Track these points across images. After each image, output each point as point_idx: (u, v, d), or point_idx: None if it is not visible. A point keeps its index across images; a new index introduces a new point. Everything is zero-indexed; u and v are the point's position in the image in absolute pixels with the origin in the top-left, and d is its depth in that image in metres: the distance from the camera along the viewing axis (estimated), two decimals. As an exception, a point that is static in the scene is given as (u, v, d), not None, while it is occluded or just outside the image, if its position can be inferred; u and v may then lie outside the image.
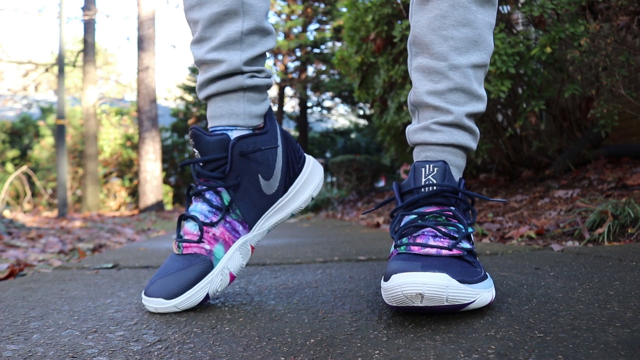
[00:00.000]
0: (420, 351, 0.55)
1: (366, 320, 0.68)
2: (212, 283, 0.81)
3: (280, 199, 0.90)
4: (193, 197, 0.86)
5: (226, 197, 0.84)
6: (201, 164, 0.84)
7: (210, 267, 0.81)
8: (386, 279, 0.67)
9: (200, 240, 0.82)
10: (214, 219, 0.83)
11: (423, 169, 0.77)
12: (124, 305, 0.84)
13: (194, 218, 0.83)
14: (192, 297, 0.79)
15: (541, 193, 2.61)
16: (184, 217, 0.85)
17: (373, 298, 0.82)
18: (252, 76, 0.87)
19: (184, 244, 0.82)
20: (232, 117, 0.87)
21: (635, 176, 2.24)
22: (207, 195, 0.84)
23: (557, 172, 3.05)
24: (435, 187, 0.76)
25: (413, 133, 0.84)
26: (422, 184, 0.77)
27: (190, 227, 0.83)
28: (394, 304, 0.66)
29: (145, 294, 0.79)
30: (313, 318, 0.71)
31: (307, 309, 0.77)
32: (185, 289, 0.78)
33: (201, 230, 0.82)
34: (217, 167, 0.84)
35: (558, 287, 0.82)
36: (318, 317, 0.72)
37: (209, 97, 0.88)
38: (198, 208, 0.84)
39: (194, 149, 0.85)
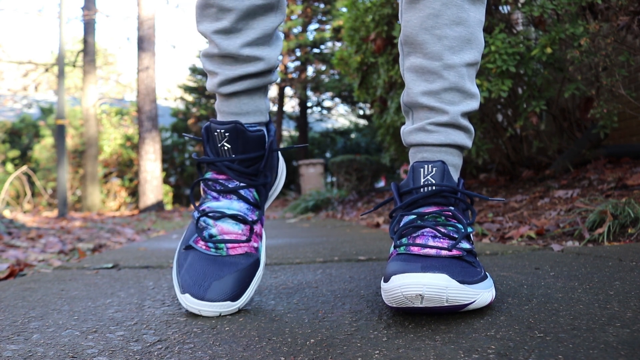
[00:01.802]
0: (420, 351, 0.55)
1: (366, 320, 0.68)
2: (260, 278, 0.82)
3: (272, 189, 0.92)
4: (220, 194, 0.82)
5: (258, 194, 0.85)
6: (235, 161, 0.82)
7: (258, 263, 0.82)
8: (386, 280, 0.67)
9: (249, 240, 0.81)
10: (254, 217, 0.83)
11: (422, 169, 0.77)
12: (124, 305, 0.84)
13: (236, 217, 0.81)
14: (250, 294, 0.79)
15: (541, 193, 2.61)
16: (216, 217, 0.81)
17: (373, 298, 0.82)
18: (274, 72, 0.87)
19: (230, 245, 0.80)
20: (257, 114, 0.86)
21: (635, 176, 2.24)
22: (243, 193, 0.82)
23: (557, 172, 3.05)
24: (434, 187, 0.75)
25: (408, 134, 0.84)
26: (421, 184, 0.76)
27: (231, 227, 0.81)
28: (394, 305, 0.66)
29: (204, 300, 0.74)
30: (313, 318, 0.71)
31: (307, 309, 0.77)
32: (245, 288, 0.78)
33: (251, 230, 0.81)
34: (252, 164, 0.83)
35: (558, 287, 0.82)
36: (318, 317, 0.72)
37: (234, 94, 0.84)
38: (235, 206, 0.82)
39: (224, 144, 0.80)
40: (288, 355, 0.56)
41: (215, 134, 0.81)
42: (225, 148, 0.81)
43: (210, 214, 0.81)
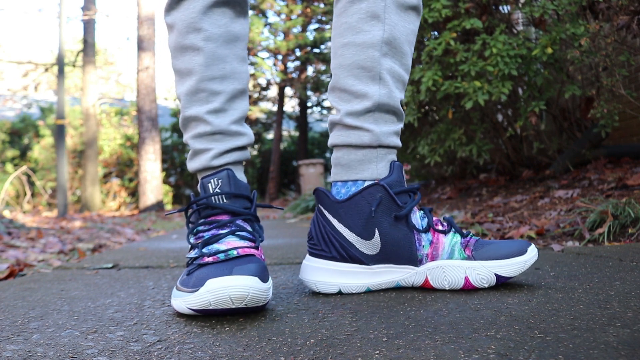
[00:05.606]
0: (420, 351, 0.55)
1: (366, 320, 0.68)
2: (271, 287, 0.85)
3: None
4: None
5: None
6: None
7: (267, 271, 0.85)
8: (521, 253, 0.82)
9: (257, 248, 0.83)
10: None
11: (401, 168, 0.90)
12: (124, 305, 0.84)
13: (241, 236, 0.82)
14: (271, 287, 0.78)
15: (541, 193, 2.61)
16: (220, 238, 0.80)
17: (373, 298, 0.82)
18: (249, 149, 0.97)
19: (241, 249, 0.79)
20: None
21: (635, 176, 2.24)
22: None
23: (557, 172, 3.05)
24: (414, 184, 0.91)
25: (387, 135, 0.89)
26: (406, 183, 0.89)
27: (238, 240, 0.80)
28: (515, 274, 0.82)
29: (232, 274, 0.70)
30: (313, 318, 0.71)
31: (307, 309, 0.77)
32: (268, 277, 0.77)
33: (257, 248, 0.83)
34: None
35: (558, 287, 0.82)
36: (318, 317, 0.72)
37: (224, 164, 0.88)
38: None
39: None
40: (288, 355, 0.56)
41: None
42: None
43: (211, 241, 0.79)
